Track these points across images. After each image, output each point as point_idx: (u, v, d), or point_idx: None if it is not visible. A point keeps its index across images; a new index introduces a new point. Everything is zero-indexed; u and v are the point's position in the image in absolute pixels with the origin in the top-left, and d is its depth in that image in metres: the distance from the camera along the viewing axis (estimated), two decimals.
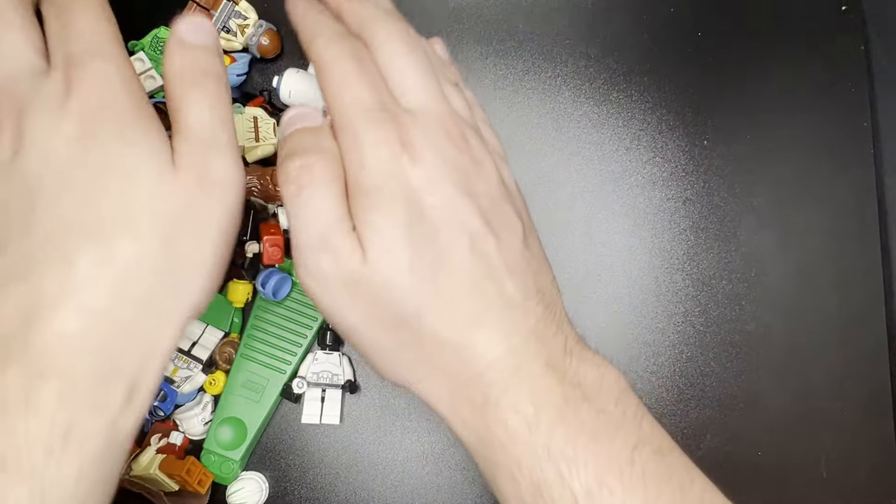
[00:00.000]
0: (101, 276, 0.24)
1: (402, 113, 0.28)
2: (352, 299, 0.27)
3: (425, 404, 0.28)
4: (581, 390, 0.26)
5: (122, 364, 0.25)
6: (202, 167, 0.26)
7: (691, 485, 0.26)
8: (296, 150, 0.28)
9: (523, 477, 0.25)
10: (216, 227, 0.27)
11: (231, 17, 0.45)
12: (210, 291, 0.27)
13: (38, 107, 0.26)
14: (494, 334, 0.26)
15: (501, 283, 0.27)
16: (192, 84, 0.27)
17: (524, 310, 0.27)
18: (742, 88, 0.48)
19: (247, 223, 0.43)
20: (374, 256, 0.26)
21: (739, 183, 0.47)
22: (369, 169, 0.27)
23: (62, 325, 0.24)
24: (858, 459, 0.45)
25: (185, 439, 0.45)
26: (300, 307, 0.45)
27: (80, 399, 0.24)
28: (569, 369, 0.27)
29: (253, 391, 0.45)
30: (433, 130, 0.28)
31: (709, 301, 0.47)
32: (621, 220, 0.47)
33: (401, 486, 0.45)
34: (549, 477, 0.25)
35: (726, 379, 0.46)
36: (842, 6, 0.48)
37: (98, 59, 0.26)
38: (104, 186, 0.25)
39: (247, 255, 0.44)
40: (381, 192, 0.26)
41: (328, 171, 0.27)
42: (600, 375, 0.27)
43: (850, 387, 0.46)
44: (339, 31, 0.30)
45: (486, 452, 0.27)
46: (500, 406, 0.26)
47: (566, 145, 0.48)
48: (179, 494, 0.43)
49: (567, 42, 0.48)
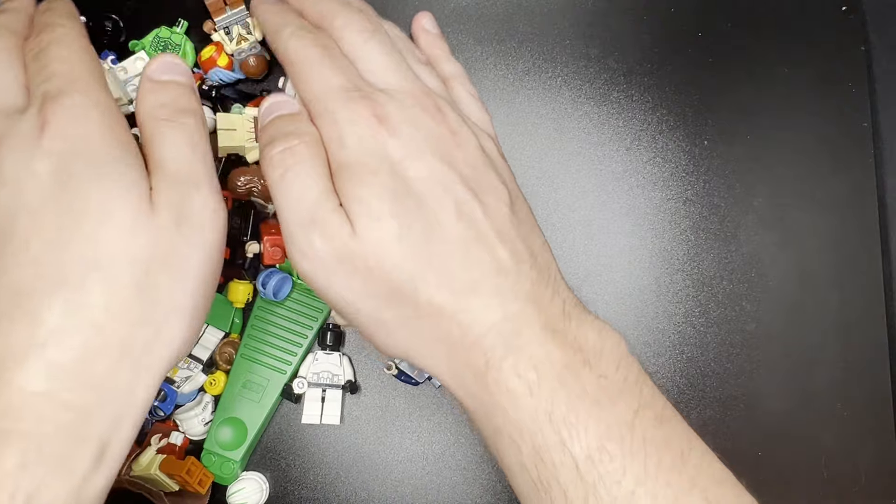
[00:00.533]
0: (71, 329, 0.23)
1: (375, 91, 0.28)
2: (345, 275, 0.27)
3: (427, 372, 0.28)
4: (582, 355, 0.26)
5: (92, 423, 0.23)
6: (181, 205, 0.25)
7: (690, 451, 0.26)
8: (276, 135, 0.28)
9: (524, 442, 0.25)
10: (196, 271, 0.26)
11: (238, 23, 0.45)
12: (190, 340, 0.26)
13: (13, 144, 0.24)
14: (490, 299, 0.26)
15: (492, 248, 0.27)
16: (167, 121, 0.27)
17: (518, 274, 0.27)
18: (742, 88, 0.48)
19: (248, 223, 0.43)
20: (363, 229, 0.26)
21: (739, 183, 0.47)
22: (349, 146, 0.27)
23: (28, 382, 0.22)
24: (858, 459, 0.45)
25: (186, 440, 0.45)
26: (301, 307, 0.45)
27: (44, 463, 0.22)
28: (569, 333, 0.27)
29: (253, 391, 0.45)
30: (407, 104, 0.28)
31: (709, 301, 0.47)
32: (621, 220, 0.47)
33: (401, 486, 0.45)
34: (549, 442, 0.25)
35: (726, 379, 0.46)
36: (842, 6, 0.48)
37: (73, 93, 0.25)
38: (77, 229, 0.24)
39: (247, 255, 0.44)
40: (363, 166, 0.27)
41: (309, 152, 0.27)
42: (601, 339, 0.27)
43: (850, 387, 0.46)
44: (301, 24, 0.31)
45: (488, 417, 0.27)
46: (502, 371, 0.26)
47: (566, 145, 0.48)
48: (180, 495, 0.43)
49: (567, 42, 0.48)
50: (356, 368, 0.46)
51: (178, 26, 0.46)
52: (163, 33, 0.46)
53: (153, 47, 0.45)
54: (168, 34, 0.46)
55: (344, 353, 0.46)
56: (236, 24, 0.45)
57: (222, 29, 0.45)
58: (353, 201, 0.26)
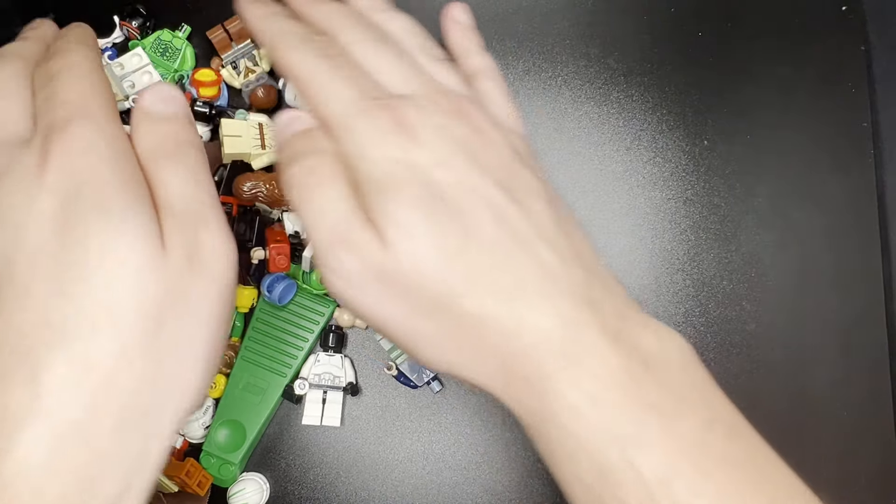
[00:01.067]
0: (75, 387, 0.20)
1: (392, 98, 0.27)
2: (382, 291, 0.25)
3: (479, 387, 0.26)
4: (644, 362, 0.24)
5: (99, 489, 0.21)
6: (192, 244, 0.23)
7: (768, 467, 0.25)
8: (293, 155, 0.27)
9: (586, 459, 0.23)
10: (211, 314, 0.24)
11: (245, 56, 0.45)
12: (206, 389, 0.24)
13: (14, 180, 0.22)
14: (539, 304, 0.24)
15: (535, 250, 0.25)
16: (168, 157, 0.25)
17: (565, 275, 0.25)
18: (742, 88, 0.48)
19: (252, 229, 0.43)
20: (394, 243, 0.24)
21: (739, 183, 0.47)
22: (371, 159, 0.25)
23: (28, 450, 0.20)
24: (858, 459, 0.45)
25: (185, 442, 0.45)
26: (302, 311, 0.45)
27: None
28: (627, 338, 0.24)
29: (253, 394, 0.44)
30: (427, 108, 0.27)
31: (709, 301, 0.47)
32: (621, 220, 0.47)
33: (401, 486, 0.45)
34: (614, 460, 0.23)
35: (726, 379, 0.46)
36: (842, 6, 0.48)
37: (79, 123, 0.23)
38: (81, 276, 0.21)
39: (252, 262, 0.44)
40: (388, 177, 0.25)
41: (329, 170, 0.26)
42: (663, 344, 0.25)
43: (850, 387, 0.46)
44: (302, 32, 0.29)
45: (545, 431, 0.25)
46: (557, 381, 0.24)
47: (566, 145, 0.48)
48: (178, 496, 0.43)
49: (567, 42, 0.48)
50: (357, 371, 0.46)
51: (180, 30, 0.46)
52: (164, 36, 0.46)
53: (153, 49, 0.45)
54: (170, 37, 0.46)
55: (346, 355, 0.46)
56: (243, 57, 0.45)
57: (229, 64, 0.45)
58: (381, 215, 0.25)
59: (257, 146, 0.42)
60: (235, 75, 0.45)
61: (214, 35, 0.45)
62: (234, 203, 0.43)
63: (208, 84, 0.44)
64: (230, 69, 0.45)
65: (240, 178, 0.42)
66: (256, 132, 0.42)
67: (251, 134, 0.42)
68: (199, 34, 0.46)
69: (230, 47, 0.45)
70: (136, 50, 0.45)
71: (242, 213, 0.43)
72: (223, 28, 0.45)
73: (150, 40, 0.46)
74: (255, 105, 0.45)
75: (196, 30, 0.46)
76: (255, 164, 0.43)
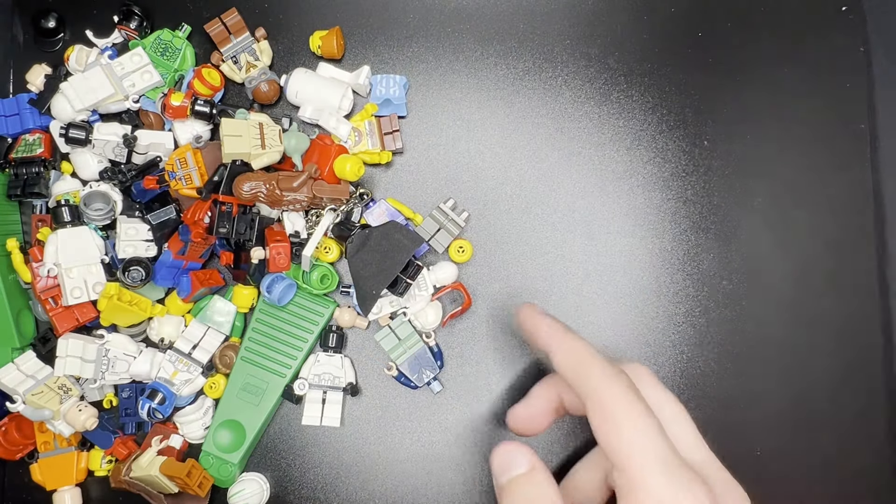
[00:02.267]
0: None
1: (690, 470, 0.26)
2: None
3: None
4: None
5: None
6: None
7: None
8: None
9: None
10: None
11: (245, 51, 0.45)
12: None
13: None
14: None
15: None
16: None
17: None
18: (742, 88, 0.48)
19: (253, 228, 0.43)
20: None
21: (739, 183, 0.47)
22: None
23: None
24: (857, 459, 0.45)
25: (185, 443, 0.45)
26: (302, 312, 0.45)
27: None
28: None
29: (253, 395, 0.44)
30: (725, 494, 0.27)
31: (709, 301, 0.47)
32: (622, 220, 0.47)
33: (401, 486, 0.45)
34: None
35: (726, 379, 0.46)
36: (842, 6, 0.48)
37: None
38: None
39: (252, 261, 0.44)
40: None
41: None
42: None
43: (848, 386, 0.46)
44: (611, 366, 0.29)
45: None
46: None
47: (566, 145, 0.48)
48: (179, 497, 0.43)
49: (567, 42, 0.48)
50: (357, 370, 0.46)
51: (180, 30, 0.46)
52: (164, 36, 0.46)
53: (153, 49, 0.45)
54: (170, 37, 0.46)
55: (346, 355, 0.46)
56: (243, 52, 0.45)
57: (230, 59, 0.45)
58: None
59: (257, 146, 0.42)
60: (237, 70, 0.45)
61: (212, 28, 0.45)
62: (234, 203, 0.43)
63: (210, 86, 0.44)
64: (231, 64, 0.45)
65: (240, 179, 0.42)
66: (256, 132, 0.42)
67: (251, 134, 0.42)
68: (200, 34, 0.46)
69: (229, 41, 0.45)
70: (136, 50, 0.45)
71: (242, 212, 0.43)
72: (220, 21, 0.45)
73: (150, 40, 0.46)
74: (259, 100, 0.45)
75: (196, 30, 0.47)
76: (255, 164, 0.43)
